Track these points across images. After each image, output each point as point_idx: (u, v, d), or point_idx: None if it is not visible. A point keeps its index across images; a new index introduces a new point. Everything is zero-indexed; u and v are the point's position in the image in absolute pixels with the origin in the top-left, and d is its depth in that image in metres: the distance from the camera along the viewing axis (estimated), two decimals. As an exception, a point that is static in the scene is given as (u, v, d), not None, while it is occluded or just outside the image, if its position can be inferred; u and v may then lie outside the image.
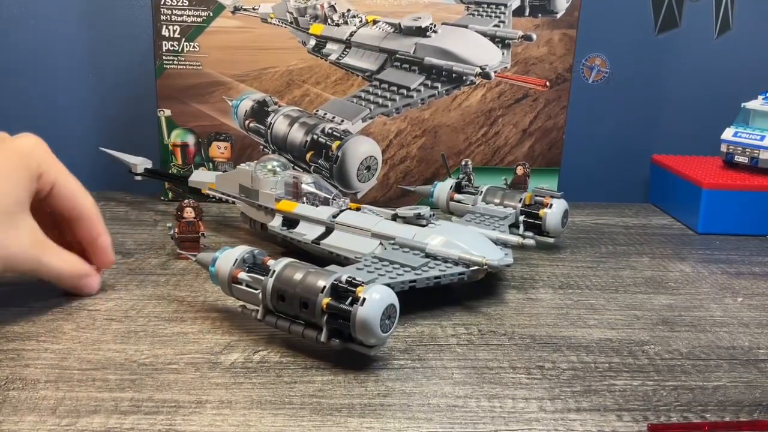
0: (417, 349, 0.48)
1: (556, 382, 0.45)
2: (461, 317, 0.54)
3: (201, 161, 0.84)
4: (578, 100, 0.93)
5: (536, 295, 0.59)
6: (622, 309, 0.57)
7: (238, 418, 0.39)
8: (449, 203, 0.74)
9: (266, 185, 0.66)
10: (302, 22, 0.82)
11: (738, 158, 0.82)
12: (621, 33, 0.95)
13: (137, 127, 0.90)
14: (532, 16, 0.82)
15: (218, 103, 0.82)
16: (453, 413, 0.41)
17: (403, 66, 0.82)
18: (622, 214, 0.87)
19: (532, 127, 0.85)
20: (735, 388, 0.45)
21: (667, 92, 0.98)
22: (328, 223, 0.61)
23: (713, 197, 0.78)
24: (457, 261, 0.54)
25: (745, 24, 0.96)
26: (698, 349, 0.50)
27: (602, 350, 0.49)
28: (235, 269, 0.49)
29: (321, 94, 0.83)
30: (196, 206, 0.63)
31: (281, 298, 0.45)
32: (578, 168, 0.96)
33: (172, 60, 0.80)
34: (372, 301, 0.42)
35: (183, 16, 0.79)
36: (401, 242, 0.57)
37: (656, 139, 0.99)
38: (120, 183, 0.88)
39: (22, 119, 0.91)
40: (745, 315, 0.57)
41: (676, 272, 0.66)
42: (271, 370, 0.45)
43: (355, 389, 0.43)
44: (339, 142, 0.78)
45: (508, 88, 0.84)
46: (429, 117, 0.84)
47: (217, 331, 0.50)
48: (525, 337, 0.51)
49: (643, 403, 0.43)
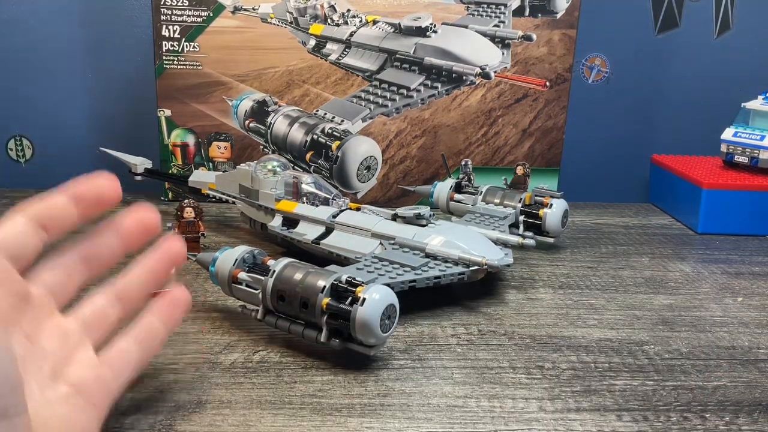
0: (417, 349, 0.48)
1: (556, 382, 0.45)
2: (461, 317, 0.54)
3: (201, 161, 0.84)
4: (578, 100, 0.93)
5: (536, 295, 0.59)
6: (622, 309, 0.57)
7: (238, 418, 0.39)
8: (449, 203, 0.74)
9: (266, 185, 0.66)
10: (302, 22, 0.82)
11: (738, 158, 0.82)
12: (621, 33, 0.95)
13: (137, 127, 0.90)
14: (532, 16, 0.82)
15: (218, 103, 0.82)
16: (453, 413, 0.41)
17: (403, 66, 0.82)
18: (622, 214, 0.87)
19: (532, 127, 0.85)
20: (735, 388, 0.45)
21: (667, 92, 0.98)
22: (328, 223, 0.61)
23: (713, 197, 0.78)
24: (457, 261, 0.54)
25: (745, 24, 0.96)
26: (698, 349, 0.50)
27: (602, 350, 0.49)
28: (235, 269, 0.49)
29: (321, 94, 0.83)
30: (196, 206, 0.63)
31: (281, 298, 0.45)
32: (578, 168, 0.96)
33: (172, 60, 0.80)
34: (372, 301, 0.42)
35: (183, 16, 0.79)
36: (401, 242, 0.57)
37: (656, 139, 0.99)
38: (120, 183, 0.88)
39: (23, 119, 0.92)
40: (745, 315, 0.57)
41: (676, 272, 0.66)
42: (271, 370, 0.45)
43: (355, 389, 0.43)
44: (339, 142, 0.78)
45: (508, 88, 0.84)
46: (429, 117, 0.84)
47: (217, 331, 0.50)
48: (525, 337, 0.51)
49: (642, 403, 0.43)
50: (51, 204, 0.34)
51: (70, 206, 0.35)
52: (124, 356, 0.37)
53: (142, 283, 0.39)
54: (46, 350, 0.33)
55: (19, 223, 0.33)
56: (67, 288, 0.36)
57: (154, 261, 0.39)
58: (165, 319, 0.39)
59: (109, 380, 0.36)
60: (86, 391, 0.34)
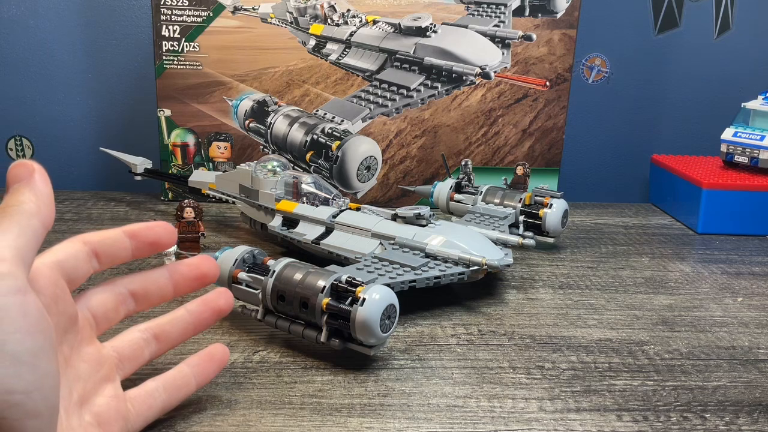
0: (417, 349, 0.48)
1: (555, 382, 0.45)
2: (461, 317, 0.54)
3: (201, 161, 0.84)
4: (578, 100, 0.93)
5: (536, 295, 0.59)
6: (622, 309, 0.57)
7: (238, 418, 0.39)
8: (449, 203, 0.74)
9: (266, 185, 0.66)
10: (302, 22, 0.82)
11: (738, 158, 0.82)
12: (621, 33, 0.95)
13: (137, 127, 0.91)
14: (532, 16, 0.82)
15: (218, 103, 0.82)
16: (453, 413, 0.41)
17: (403, 66, 0.82)
18: (622, 214, 0.87)
19: (532, 127, 0.85)
20: (735, 388, 0.45)
21: (667, 92, 0.98)
22: (328, 223, 0.61)
23: (713, 197, 0.78)
24: (457, 261, 0.54)
25: (745, 24, 0.96)
26: (698, 349, 0.50)
27: (602, 350, 0.49)
28: (235, 269, 0.49)
29: (321, 94, 0.83)
30: (196, 206, 0.63)
31: (281, 298, 0.45)
32: (578, 168, 0.96)
33: (172, 60, 0.80)
34: (372, 301, 0.42)
35: (183, 16, 0.79)
36: (401, 242, 0.57)
37: (656, 139, 0.99)
38: (120, 183, 0.88)
39: (23, 119, 0.92)
40: (745, 315, 0.57)
41: (676, 272, 0.66)
42: (271, 370, 0.45)
43: (355, 389, 0.43)
44: (339, 142, 0.78)
45: (508, 88, 0.84)
46: (429, 117, 0.84)
47: (217, 331, 0.50)
48: (525, 337, 0.51)
49: (642, 403, 0.43)
50: (109, 236, 0.35)
51: (125, 242, 0.36)
52: (149, 399, 0.37)
53: (183, 327, 0.39)
54: (79, 375, 0.34)
55: (76, 248, 0.34)
56: (110, 318, 0.36)
57: (198, 308, 0.40)
58: (198, 373, 0.40)
59: (130, 418, 0.36)
60: (107, 424, 0.34)
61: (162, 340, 0.39)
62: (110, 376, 0.36)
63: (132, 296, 0.37)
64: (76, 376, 0.33)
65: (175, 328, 0.39)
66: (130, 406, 0.36)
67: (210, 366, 0.40)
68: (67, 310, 0.32)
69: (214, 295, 0.41)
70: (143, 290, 0.38)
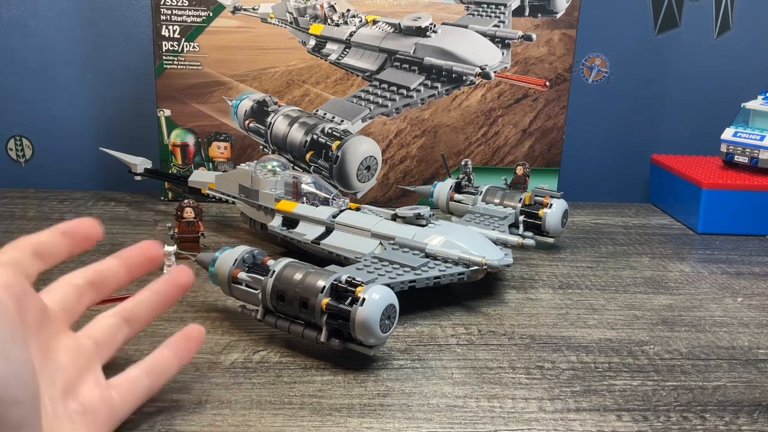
0: (417, 349, 0.48)
1: (555, 382, 0.45)
2: (461, 317, 0.54)
3: (201, 161, 0.84)
4: (578, 100, 0.93)
5: (536, 295, 0.59)
6: (622, 309, 0.57)
7: (237, 418, 0.39)
8: (449, 203, 0.74)
9: (266, 185, 0.66)
10: (302, 22, 0.82)
11: (738, 158, 0.82)
12: (621, 33, 0.95)
13: (137, 127, 0.90)
14: (532, 16, 0.82)
15: (218, 103, 0.82)
16: (453, 413, 0.41)
17: (402, 66, 0.82)
18: (622, 214, 0.87)
19: (532, 127, 0.85)
20: (735, 388, 0.45)
21: (667, 92, 0.98)
22: (328, 223, 0.61)
23: (713, 197, 0.78)
24: (457, 261, 0.54)
25: (745, 24, 0.96)
26: (698, 349, 0.50)
27: (602, 350, 0.49)
28: (235, 269, 0.49)
29: (321, 94, 0.83)
30: (196, 206, 0.63)
31: (281, 298, 0.45)
32: (578, 168, 0.96)
33: (172, 60, 0.80)
34: (371, 301, 0.42)
35: (183, 16, 0.79)
36: (401, 242, 0.57)
37: (656, 139, 0.99)
38: (120, 183, 0.88)
39: (23, 119, 0.92)
40: (745, 315, 0.57)
41: (675, 272, 0.66)
42: (270, 370, 0.45)
43: (354, 389, 0.43)
44: (339, 142, 0.78)
45: (508, 88, 0.84)
46: (429, 117, 0.84)
47: (217, 331, 0.50)
48: (525, 337, 0.51)
49: (642, 403, 0.43)
50: (45, 236, 0.36)
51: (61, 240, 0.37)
52: (133, 384, 0.38)
53: (149, 307, 0.40)
54: (60, 366, 0.34)
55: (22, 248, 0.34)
56: (75, 309, 0.37)
57: (162, 287, 0.41)
58: (178, 354, 0.41)
59: (115, 404, 0.36)
60: (93, 412, 0.35)
61: (132, 322, 0.40)
62: (91, 364, 0.36)
63: (90, 286, 0.38)
64: (56, 366, 0.34)
65: (143, 309, 0.40)
66: (114, 393, 0.36)
67: (188, 345, 0.41)
68: (35, 303, 0.33)
69: (175, 272, 0.42)
70: (100, 278, 0.38)
